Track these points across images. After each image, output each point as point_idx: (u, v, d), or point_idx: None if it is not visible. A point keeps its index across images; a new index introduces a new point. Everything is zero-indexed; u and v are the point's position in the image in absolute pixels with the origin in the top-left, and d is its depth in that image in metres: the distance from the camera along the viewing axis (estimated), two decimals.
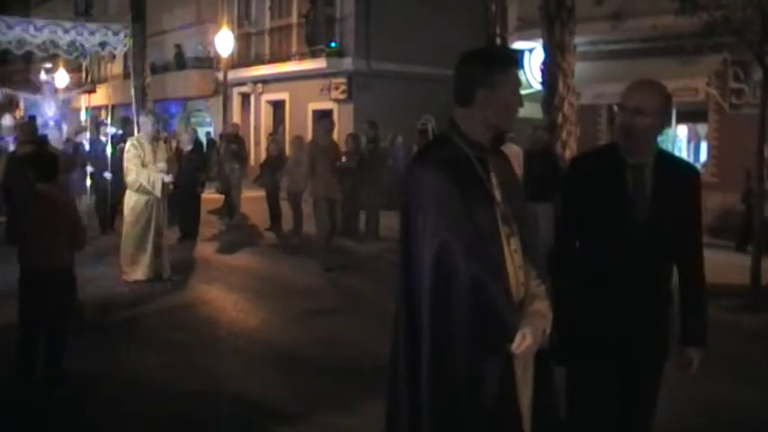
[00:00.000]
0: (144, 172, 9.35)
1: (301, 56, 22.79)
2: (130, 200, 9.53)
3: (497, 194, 2.68)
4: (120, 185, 12.58)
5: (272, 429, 5.03)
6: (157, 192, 9.40)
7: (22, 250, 5.58)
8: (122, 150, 12.52)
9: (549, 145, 11.47)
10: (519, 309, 2.63)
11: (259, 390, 5.72)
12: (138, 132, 10.27)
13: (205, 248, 12.44)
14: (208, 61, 27.36)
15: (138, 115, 18.87)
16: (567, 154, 11.74)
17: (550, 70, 12.07)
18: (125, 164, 9.57)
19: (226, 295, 9.00)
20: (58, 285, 5.55)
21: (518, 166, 9.95)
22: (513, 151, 10.49)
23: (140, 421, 5.10)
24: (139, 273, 9.40)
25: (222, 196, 15.68)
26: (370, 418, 5.15)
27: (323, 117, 10.59)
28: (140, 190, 9.39)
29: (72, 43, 12.64)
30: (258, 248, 12.81)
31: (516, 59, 2.83)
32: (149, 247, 9.44)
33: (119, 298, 8.66)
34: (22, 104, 37.18)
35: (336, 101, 22.16)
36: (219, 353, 6.79)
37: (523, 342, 2.54)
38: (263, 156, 17.25)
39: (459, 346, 2.54)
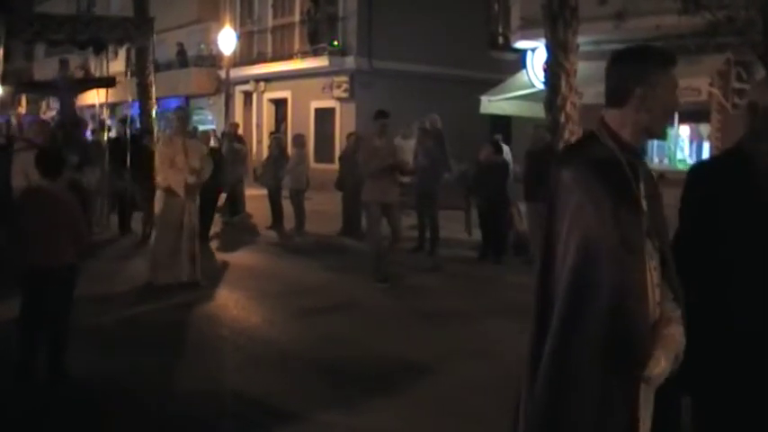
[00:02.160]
0: (169, 170, 8.98)
1: (303, 54, 22.80)
2: (161, 201, 9.19)
3: (644, 205, 2.48)
4: (140, 184, 12.47)
5: (273, 428, 5.03)
6: (181, 193, 8.98)
7: (23, 247, 5.58)
8: (144, 148, 12.43)
9: (550, 145, 11.47)
10: (652, 331, 2.44)
11: (260, 388, 5.72)
12: (166, 130, 10.21)
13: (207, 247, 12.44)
14: (210, 59, 27.35)
15: (140, 113, 18.94)
16: None
17: (553, 70, 12.07)
18: (156, 163, 9.23)
19: (228, 293, 8.99)
20: (57, 283, 5.53)
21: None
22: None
23: (141, 420, 5.11)
24: (170, 277, 9.04)
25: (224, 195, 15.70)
26: (370, 417, 5.18)
27: (380, 115, 9.83)
28: (169, 191, 9.05)
29: (91, 38, 12.45)
30: (260, 247, 12.82)
31: (675, 59, 2.55)
32: (183, 250, 9.04)
33: (127, 297, 8.63)
34: (24, 102, 37.22)
35: (338, 99, 22.19)
36: (221, 351, 6.81)
37: (657, 367, 2.37)
38: (265, 154, 17.27)
39: (587, 362, 2.36)
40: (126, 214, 13.41)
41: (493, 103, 16.88)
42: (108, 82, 15.06)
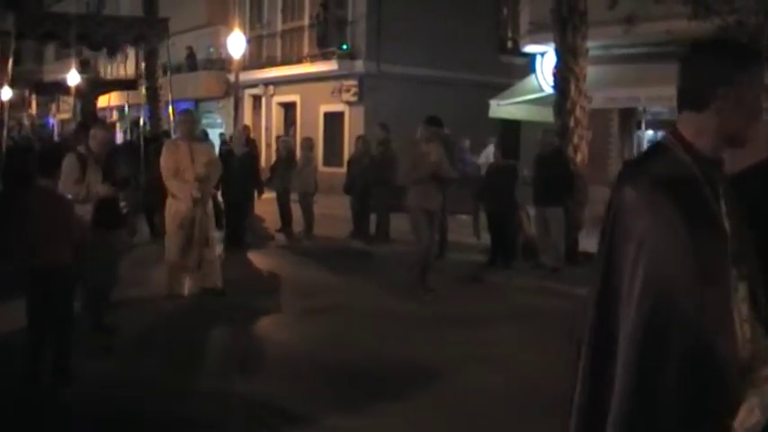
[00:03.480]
0: (174, 181, 8.68)
1: (313, 58, 22.84)
2: (171, 207, 8.86)
3: (727, 226, 2.15)
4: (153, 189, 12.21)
5: (279, 429, 5.05)
6: (188, 201, 8.65)
7: (24, 248, 5.62)
8: (155, 151, 12.43)
9: (559, 149, 11.48)
10: (742, 373, 2.10)
11: (266, 390, 5.76)
12: (174, 134, 10.04)
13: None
14: (219, 63, 27.46)
15: (150, 116, 18.99)
16: (579, 158, 11.76)
17: (562, 74, 12.08)
18: (161, 169, 8.91)
19: (235, 296, 8.98)
20: (60, 283, 5.55)
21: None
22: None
23: (148, 422, 5.13)
24: (183, 285, 8.91)
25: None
26: (377, 421, 5.20)
27: (432, 122, 9.45)
28: (174, 197, 8.79)
29: (105, 39, 12.33)
30: (269, 250, 12.84)
31: (761, 55, 2.20)
32: (194, 257, 8.77)
33: (139, 302, 8.59)
34: (34, 104, 37.36)
35: (347, 103, 22.22)
36: (227, 353, 6.86)
37: (750, 418, 2.05)
38: (274, 157, 17.30)
39: (664, 413, 2.03)
40: (153, 218, 12.93)
41: (502, 108, 16.87)
42: (129, 84, 14.98)
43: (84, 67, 13.99)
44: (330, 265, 11.37)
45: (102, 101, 23.93)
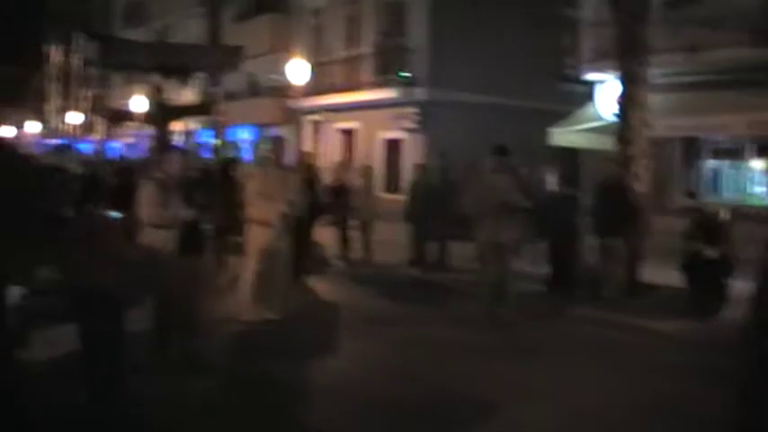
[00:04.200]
0: (259, 206, 8.68)
1: (373, 85, 23.07)
2: (251, 233, 8.92)
3: None
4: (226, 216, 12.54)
5: None
6: (275, 225, 8.64)
7: (68, 271, 5.70)
8: (227, 176, 12.13)
9: (621, 178, 11.40)
10: None
11: (328, 422, 5.85)
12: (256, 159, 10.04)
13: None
14: (281, 89, 27.90)
15: (213, 140, 19.39)
16: (640, 187, 11.67)
17: (623, 102, 12.05)
18: (247, 195, 8.87)
19: (295, 323, 9.06)
20: (104, 306, 5.60)
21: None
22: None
23: None
24: (263, 311, 8.87)
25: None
26: None
27: (500, 151, 9.25)
28: (261, 223, 8.78)
29: (182, 64, 12.58)
30: (328, 277, 12.97)
31: None
32: (275, 284, 8.77)
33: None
34: (100, 128, 38.48)
35: (407, 130, 22.36)
36: (289, 383, 6.92)
37: None
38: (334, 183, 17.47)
39: None
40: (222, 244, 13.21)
41: (562, 135, 16.84)
42: (201, 110, 15.15)
43: (156, 93, 14.14)
44: (389, 293, 11.45)
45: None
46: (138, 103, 28.32)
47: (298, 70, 22.22)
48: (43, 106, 57.01)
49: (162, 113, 13.48)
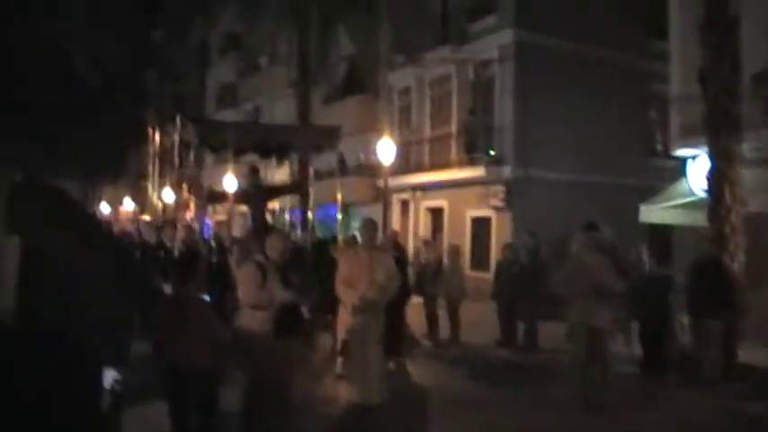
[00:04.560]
0: (346, 290, 8.53)
1: (460, 164, 23.36)
2: (342, 317, 8.85)
3: None
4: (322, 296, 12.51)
5: None
6: (353, 311, 8.43)
7: (160, 352, 5.87)
8: (327, 257, 12.06)
9: (716, 257, 11.18)
10: None
11: None
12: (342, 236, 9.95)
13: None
14: (369, 168, 28.41)
15: (302, 220, 19.80)
16: (735, 266, 11.44)
17: (715, 179, 11.93)
18: (337, 277, 8.68)
19: (385, 405, 8.89)
20: (197, 388, 5.74)
21: None
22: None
23: None
24: (355, 394, 8.67)
25: None
26: None
27: (590, 227, 9.20)
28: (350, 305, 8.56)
29: (280, 145, 12.74)
30: (416, 357, 12.97)
31: None
32: (368, 366, 8.55)
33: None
34: (192, 205, 39.61)
35: (495, 208, 22.49)
36: None
37: None
38: (422, 262, 17.63)
39: None
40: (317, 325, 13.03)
41: (653, 212, 16.66)
42: (297, 188, 15.36)
43: (252, 173, 14.31)
44: (478, 374, 11.42)
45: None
46: (231, 183, 29.19)
47: (386, 149, 22.60)
48: (140, 184, 59.30)
49: (258, 193, 13.70)
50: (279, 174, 25.20)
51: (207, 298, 6.08)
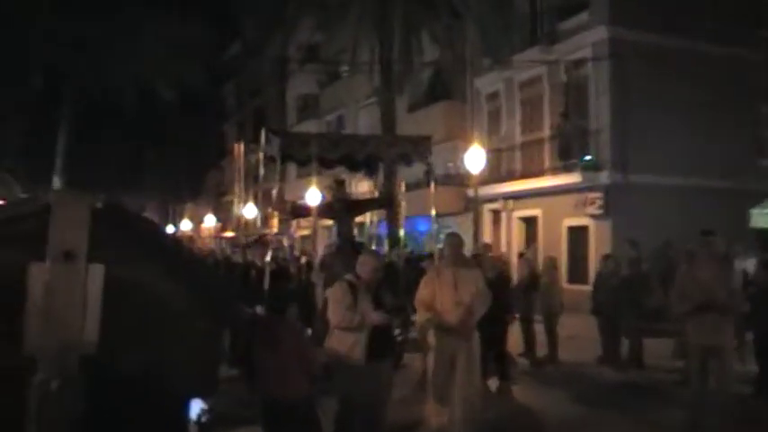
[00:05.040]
0: (425, 313, 8.24)
1: (554, 170, 23.08)
2: (431, 337, 8.52)
3: None
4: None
5: None
6: (459, 327, 8.11)
7: (256, 381, 5.88)
8: (416, 274, 11.69)
9: None
10: None
11: None
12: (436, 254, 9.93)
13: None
14: (458, 178, 28.31)
15: (388, 234, 19.80)
16: None
17: None
18: (417, 296, 8.40)
19: (482, 430, 8.82)
20: (295, 418, 5.70)
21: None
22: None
23: None
24: (448, 418, 8.40)
25: None
26: None
27: (705, 235, 8.43)
28: (441, 325, 8.25)
29: (369, 156, 12.68)
30: (512, 377, 12.80)
31: None
32: (461, 388, 8.23)
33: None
34: (275, 221, 40.30)
35: (592, 216, 22.11)
36: None
37: None
38: (515, 275, 17.42)
39: None
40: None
41: (764, 217, 16.12)
42: (385, 202, 15.25)
43: (338, 187, 14.08)
44: (579, 395, 11.16)
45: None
46: (314, 197, 29.53)
47: (475, 157, 22.48)
48: (222, 200, 60.50)
49: (344, 207, 13.57)
50: (362, 186, 25.35)
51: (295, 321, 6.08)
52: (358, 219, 16.17)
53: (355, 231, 17.33)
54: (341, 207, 13.51)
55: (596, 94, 22.40)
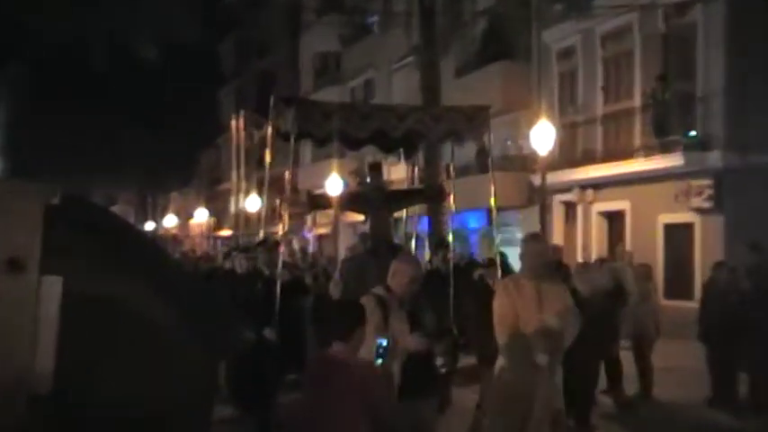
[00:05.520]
0: (508, 338, 7.81)
1: (647, 151, 22.89)
2: (499, 372, 8.09)
3: None
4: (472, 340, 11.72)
5: None
6: (540, 361, 7.68)
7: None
8: (476, 286, 11.86)
9: None
10: None
11: None
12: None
13: None
14: (519, 161, 28.21)
15: (430, 232, 19.72)
16: None
17: None
18: (495, 317, 8.00)
19: None
20: None
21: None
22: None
23: None
24: None
25: None
26: None
27: None
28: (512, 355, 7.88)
29: (408, 133, 12.28)
30: (593, 418, 12.71)
31: None
32: None
33: None
34: (286, 216, 40.36)
35: (698, 211, 21.92)
36: None
37: None
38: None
39: None
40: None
41: None
42: (435, 193, 14.93)
43: (375, 173, 13.57)
44: None
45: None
46: (336, 185, 29.64)
47: (542, 135, 22.36)
48: (216, 189, 60.87)
49: (383, 199, 13.18)
50: (396, 172, 25.33)
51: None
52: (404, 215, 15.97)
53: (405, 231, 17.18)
54: (378, 198, 13.09)
55: (706, 49, 22.17)
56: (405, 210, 14.58)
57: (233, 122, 48.15)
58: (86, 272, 2.91)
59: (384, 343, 6.16)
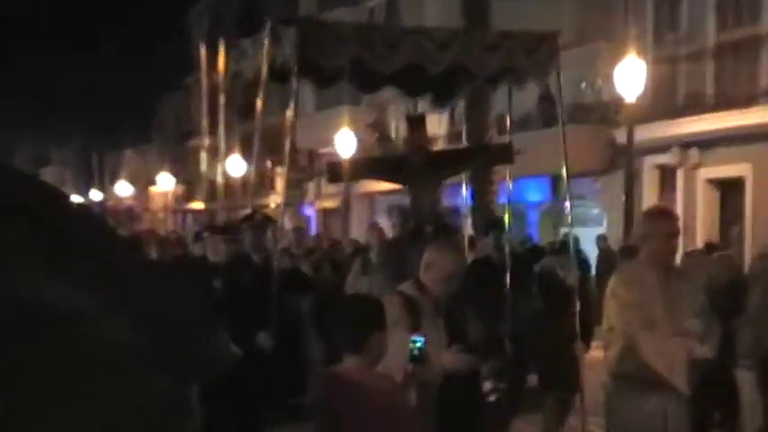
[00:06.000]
0: (652, 340, 7.58)
1: None
2: (617, 394, 8.06)
3: None
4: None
5: None
6: (679, 383, 7.54)
7: None
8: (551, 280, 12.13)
9: None
10: None
11: None
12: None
13: None
14: (597, 110, 28.05)
15: (474, 206, 19.64)
16: None
17: None
18: (605, 320, 7.99)
19: None
20: None
21: None
22: None
23: None
24: None
25: None
26: None
27: None
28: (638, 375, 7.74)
29: (455, 68, 11.69)
30: None
31: None
32: None
33: None
34: (280, 183, 40.62)
35: None
36: None
37: None
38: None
39: None
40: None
41: None
42: (501, 155, 14.33)
43: (417, 128, 13.00)
44: None
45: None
46: (347, 143, 29.67)
47: (630, 74, 22.23)
48: (186, 147, 60.96)
49: (428, 163, 12.72)
50: (431, 124, 25.23)
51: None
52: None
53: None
54: (421, 162, 12.64)
55: None
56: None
57: (206, 54, 48.10)
58: (6, 266, 2.80)
59: (420, 343, 6.12)
